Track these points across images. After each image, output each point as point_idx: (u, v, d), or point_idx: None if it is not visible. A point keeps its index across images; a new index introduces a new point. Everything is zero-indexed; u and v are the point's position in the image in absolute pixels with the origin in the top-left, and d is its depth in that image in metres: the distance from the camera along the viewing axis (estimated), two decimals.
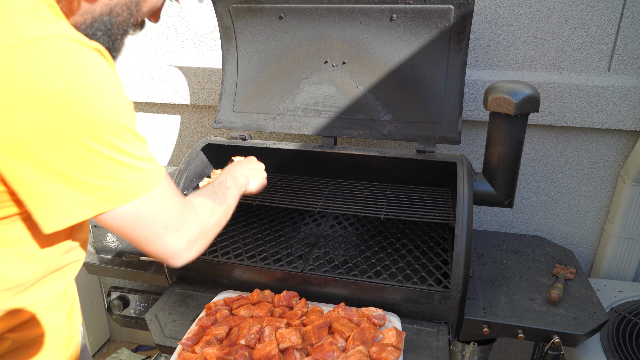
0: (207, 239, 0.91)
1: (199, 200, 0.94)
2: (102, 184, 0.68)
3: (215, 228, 0.95)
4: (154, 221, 0.78)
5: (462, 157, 1.47)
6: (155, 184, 0.76)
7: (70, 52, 0.63)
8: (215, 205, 0.97)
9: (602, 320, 1.32)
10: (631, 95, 1.64)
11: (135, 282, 1.80)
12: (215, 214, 0.95)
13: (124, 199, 0.71)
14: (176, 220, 0.82)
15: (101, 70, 0.67)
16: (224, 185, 1.10)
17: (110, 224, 0.75)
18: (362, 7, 1.50)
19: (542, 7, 1.65)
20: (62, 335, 0.92)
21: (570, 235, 1.93)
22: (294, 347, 1.12)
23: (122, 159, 0.70)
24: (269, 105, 1.69)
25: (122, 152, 0.69)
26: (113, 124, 0.67)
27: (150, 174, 0.75)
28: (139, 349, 2.50)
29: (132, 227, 0.76)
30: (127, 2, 0.82)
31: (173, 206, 0.81)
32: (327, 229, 1.73)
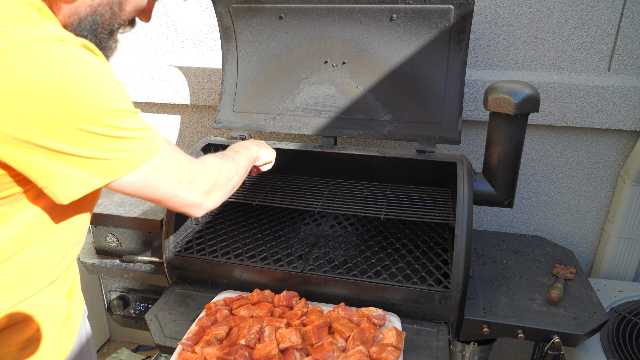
0: (222, 191, 0.99)
1: (207, 157, 1.01)
2: (108, 157, 0.74)
3: (229, 182, 1.02)
4: (166, 180, 0.84)
5: (462, 157, 1.47)
6: (158, 148, 0.81)
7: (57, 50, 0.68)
8: (224, 162, 1.04)
9: (602, 320, 1.32)
10: (631, 95, 1.64)
11: (135, 282, 1.80)
12: (224, 168, 1.02)
13: (132, 167, 0.77)
14: (187, 174, 0.89)
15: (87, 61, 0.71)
16: (232, 150, 1.18)
17: (127, 191, 0.81)
18: (362, 7, 1.50)
19: (542, 7, 1.65)
20: (61, 314, 0.94)
21: (570, 235, 1.93)
22: (294, 347, 1.12)
23: (122, 134, 0.75)
24: (269, 105, 1.69)
25: (119, 129, 0.74)
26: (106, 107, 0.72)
27: (152, 141, 0.80)
28: (139, 349, 2.50)
29: (148, 189, 0.83)
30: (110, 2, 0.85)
31: (181, 163, 0.88)
32: (327, 229, 1.73)
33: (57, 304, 0.93)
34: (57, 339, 0.93)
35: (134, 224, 1.65)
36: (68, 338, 0.96)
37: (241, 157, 1.15)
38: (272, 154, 1.37)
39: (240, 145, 1.24)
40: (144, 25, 2.04)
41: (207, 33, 1.98)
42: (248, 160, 1.19)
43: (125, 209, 1.69)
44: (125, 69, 2.06)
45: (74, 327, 0.99)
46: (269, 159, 1.35)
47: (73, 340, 0.98)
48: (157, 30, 2.03)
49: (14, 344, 0.84)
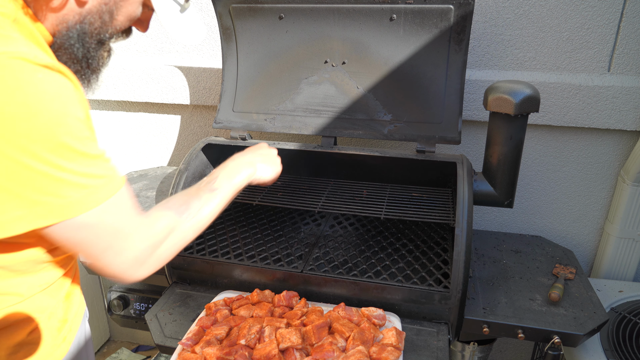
0: (160, 261, 0.86)
1: (160, 216, 0.86)
2: (38, 199, 0.67)
3: (174, 248, 0.88)
4: (95, 241, 0.75)
5: (462, 157, 1.47)
6: (99, 201, 0.73)
7: (13, 70, 0.64)
8: (180, 221, 0.88)
9: (602, 320, 1.32)
10: (631, 95, 1.64)
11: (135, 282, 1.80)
12: (176, 233, 0.88)
13: (61, 216, 0.70)
14: (121, 242, 0.78)
15: (45, 88, 0.66)
16: (209, 186, 0.99)
17: (51, 237, 0.73)
18: (362, 7, 1.50)
19: (542, 7, 1.65)
20: (57, 317, 0.91)
21: (570, 235, 1.93)
22: (294, 347, 1.12)
23: (61, 175, 0.68)
24: (269, 105, 1.69)
25: (61, 169, 0.68)
26: (52, 141, 0.66)
27: (95, 191, 0.72)
28: (139, 349, 2.50)
29: (73, 243, 0.74)
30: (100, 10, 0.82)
31: (119, 226, 0.77)
32: (327, 229, 1.73)
33: (53, 307, 0.90)
34: (51, 343, 0.90)
35: None
36: (63, 342, 0.94)
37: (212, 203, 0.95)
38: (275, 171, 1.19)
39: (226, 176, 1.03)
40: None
41: (207, 33, 1.98)
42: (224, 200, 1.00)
43: None
44: (125, 69, 2.06)
45: (70, 330, 0.96)
46: (267, 178, 1.17)
47: (69, 344, 0.96)
48: (157, 30, 2.03)
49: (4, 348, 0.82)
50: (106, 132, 2.29)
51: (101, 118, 2.27)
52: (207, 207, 0.95)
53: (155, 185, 1.91)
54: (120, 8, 0.85)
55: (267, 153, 1.20)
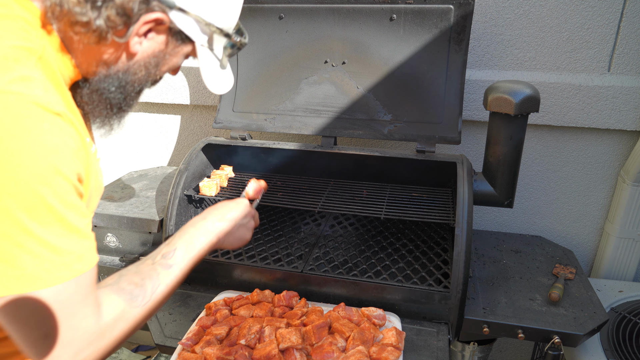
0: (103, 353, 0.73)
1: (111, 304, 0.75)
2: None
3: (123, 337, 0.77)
4: (35, 325, 0.64)
5: (462, 157, 1.47)
6: (56, 281, 0.63)
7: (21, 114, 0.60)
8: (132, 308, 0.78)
9: (602, 320, 1.32)
10: (631, 95, 1.64)
11: None
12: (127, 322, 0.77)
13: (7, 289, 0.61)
14: (64, 333, 0.66)
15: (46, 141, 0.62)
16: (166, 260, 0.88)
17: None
18: (362, 7, 1.50)
19: (542, 7, 1.65)
20: None
21: (570, 235, 1.93)
22: (294, 347, 1.12)
23: (25, 241, 0.60)
24: (269, 105, 1.69)
25: (28, 233, 0.61)
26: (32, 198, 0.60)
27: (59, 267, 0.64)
28: (139, 349, 2.50)
29: (7, 320, 0.64)
30: (147, 62, 0.81)
31: (69, 314, 0.66)
32: (327, 229, 1.73)
33: None
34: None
35: (134, 224, 1.65)
36: None
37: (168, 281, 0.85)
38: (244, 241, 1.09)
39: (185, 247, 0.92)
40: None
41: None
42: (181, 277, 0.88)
43: (125, 209, 1.69)
44: None
45: None
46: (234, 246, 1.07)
47: None
48: None
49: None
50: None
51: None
52: (162, 286, 0.84)
53: (155, 185, 1.91)
54: (168, 61, 0.85)
55: (234, 217, 1.04)
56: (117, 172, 2.34)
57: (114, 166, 2.35)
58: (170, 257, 0.88)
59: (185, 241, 0.93)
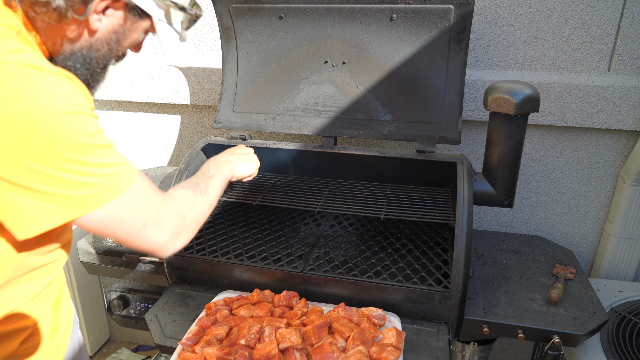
0: (191, 229, 0.94)
1: (179, 192, 0.97)
2: (68, 194, 0.70)
3: (199, 218, 0.98)
4: (132, 220, 0.80)
5: (462, 157, 1.47)
6: (125, 186, 0.77)
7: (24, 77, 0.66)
8: (197, 196, 1.00)
9: (602, 320, 1.32)
10: (631, 95, 1.64)
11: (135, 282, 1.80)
12: (196, 204, 0.98)
13: (93, 205, 0.73)
14: (155, 215, 0.84)
15: (56, 92, 0.68)
16: (207, 175, 1.12)
17: (88, 227, 0.77)
18: (362, 7, 1.50)
19: (542, 7, 1.65)
20: (47, 325, 0.91)
21: (570, 235, 1.93)
22: (294, 347, 1.12)
23: (85, 169, 0.71)
24: (269, 105, 1.69)
25: (84, 164, 0.71)
26: (70, 142, 0.69)
27: (119, 178, 0.76)
28: (139, 349, 2.50)
29: (111, 228, 0.78)
30: (108, 38, 0.85)
31: (150, 203, 0.83)
32: (327, 229, 1.73)
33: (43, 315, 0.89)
34: (46, 351, 0.90)
35: None
36: (57, 349, 0.93)
37: (214, 185, 1.09)
38: (251, 167, 1.31)
39: (215, 166, 1.17)
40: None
41: (207, 33, 1.98)
42: (222, 186, 1.14)
43: None
44: (125, 69, 2.06)
45: (64, 337, 0.96)
46: (245, 174, 1.29)
47: (63, 351, 0.96)
48: None
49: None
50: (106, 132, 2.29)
51: (101, 118, 2.26)
52: (212, 187, 1.07)
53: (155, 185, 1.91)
54: (128, 36, 0.89)
55: (243, 152, 1.32)
56: None
57: None
58: (209, 172, 1.13)
59: (213, 164, 1.18)
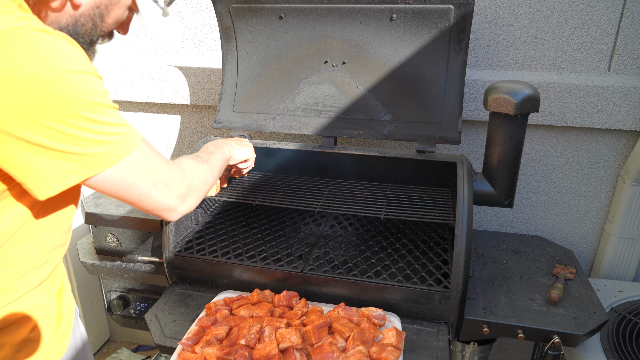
0: (197, 194, 0.98)
1: (183, 159, 1.03)
2: (84, 152, 0.74)
3: (203, 184, 1.02)
4: (142, 179, 0.84)
5: (462, 157, 1.47)
6: (134, 145, 0.81)
7: (38, 40, 0.68)
8: (199, 164, 1.05)
9: (602, 320, 1.32)
10: (631, 95, 1.64)
11: (135, 282, 1.80)
12: (200, 170, 1.03)
13: (108, 163, 0.77)
14: (163, 175, 0.88)
15: (68, 53, 0.71)
16: (207, 150, 1.19)
17: (102, 188, 0.80)
18: (362, 7, 1.50)
19: (542, 7, 1.65)
20: (52, 314, 0.94)
21: (570, 235, 1.93)
22: (294, 347, 1.12)
23: (99, 128, 0.74)
24: (269, 105, 1.69)
25: (97, 122, 0.74)
26: (84, 100, 0.72)
27: (129, 137, 0.80)
28: (139, 349, 2.50)
29: (123, 187, 0.82)
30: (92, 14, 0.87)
31: (157, 163, 0.87)
32: (327, 229, 1.73)
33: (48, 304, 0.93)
34: (52, 339, 0.93)
35: (134, 224, 1.65)
36: (62, 337, 0.96)
37: (215, 159, 1.16)
38: (248, 151, 1.39)
39: (214, 145, 1.25)
40: (144, 25, 2.04)
41: (207, 33, 1.98)
42: (221, 161, 1.20)
43: (125, 209, 1.69)
44: (125, 69, 2.06)
45: (68, 326, 0.99)
46: (243, 157, 1.36)
47: (68, 339, 0.99)
48: None
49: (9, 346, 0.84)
50: None
51: None
52: (212, 160, 1.14)
53: None
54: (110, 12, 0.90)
55: (238, 138, 1.42)
56: None
57: None
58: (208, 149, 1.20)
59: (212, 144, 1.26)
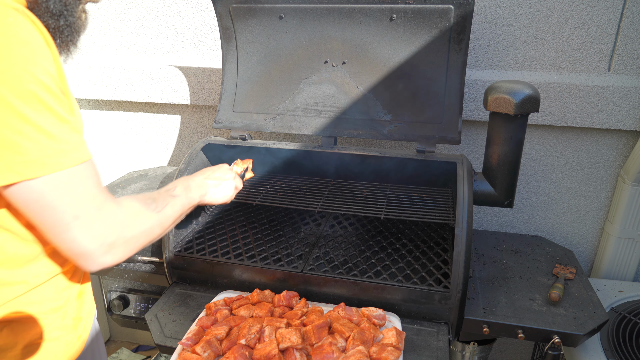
0: (129, 246, 0.81)
1: (128, 202, 0.85)
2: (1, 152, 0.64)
3: (144, 236, 0.85)
4: (63, 206, 0.70)
5: (462, 157, 1.47)
6: (64, 166, 0.69)
7: None
8: (148, 211, 0.88)
9: (602, 320, 1.32)
10: (631, 95, 1.64)
11: (135, 282, 1.80)
12: (144, 220, 0.86)
13: (20, 174, 0.66)
14: (91, 212, 0.73)
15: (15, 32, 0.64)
16: (170, 193, 1.02)
17: (15, 201, 0.69)
18: (362, 7, 1.50)
19: (542, 7, 1.65)
20: (70, 316, 0.93)
21: (570, 235, 1.93)
22: (294, 347, 1.12)
23: (22, 127, 0.64)
24: (269, 105, 1.69)
25: (23, 119, 0.64)
26: (19, 86, 0.63)
27: (59, 154, 0.68)
28: (139, 349, 2.50)
29: (39, 210, 0.70)
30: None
31: (89, 196, 0.74)
32: (327, 229, 1.73)
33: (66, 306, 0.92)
34: (66, 341, 0.92)
35: None
36: (78, 340, 0.95)
37: (174, 207, 0.99)
38: (226, 194, 1.26)
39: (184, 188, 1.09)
40: (143, 25, 2.04)
41: (207, 33, 1.98)
42: (182, 209, 1.04)
43: None
44: (125, 69, 2.06)
45: (85, 329, 0.98)
46: (218, 200, 1.24)
47: (84, 342, 0.98)
48: (157, 30, 2.03)
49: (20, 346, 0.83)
50: (106, 132, 2.29)
51: (101, 118, 2.27)
52: (170, 207, 0.97)
53: (155, 185, 1.92)
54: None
55: (220, 177, 1.26)
56: (117, 172, 2.34)
57: (114, 166, 2.36)
58: (174, 191, 1.04)
59: (183, 184, 1.10)
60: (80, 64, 2.11)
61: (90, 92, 2.15)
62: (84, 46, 2.16)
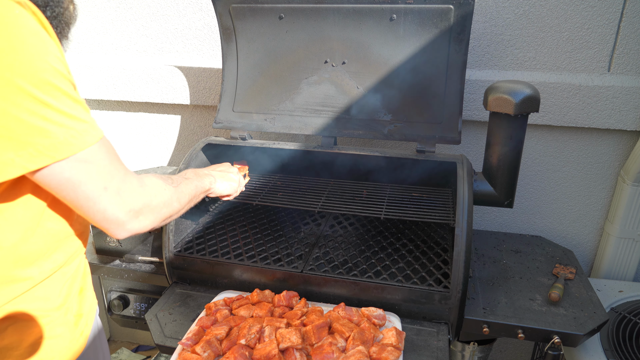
0: (155, 214, 0.88)
1: (148, 176, 0.92)
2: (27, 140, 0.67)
3: (165, 207, 0.91)
4: (92, 180, 0.75)
5: (462, 157, 1.47)
6: (88, 144, 0.74)
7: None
8: (166, 184, 0.95)
9: (602, 320, 1.32)
10: (631, 95, 1.64)
11: (135, 282, 1.80)
12: (163, 191, 0.93)
13: (51, 157, 0.70)
14: (117, 182, 0.79)
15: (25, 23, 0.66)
16: (183, 175, 1.12)
17: (47, 184, 0.73)
18: (362, 7, 1.50)
19: (542, 7, 1.65)
20: (72, 312, 0.93)
21: (570, 235, 1.93)
22: (294, 347, 1.12)
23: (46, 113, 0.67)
24: (269, 105, 1.69)
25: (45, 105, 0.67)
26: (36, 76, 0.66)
27: (82, 134, 0.73)
28: (139, 349, 2.50)
29: (71, 187, 0.74)
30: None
31: (113, 169, 0.79)
32: (327, 229, 1.73)
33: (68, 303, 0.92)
34: (69, 337, 0.93)
35: None
36: (80, 336, 0.96)
37: (188, 186, 1.06)
38: (230, 186, 1.32)
39: (193, 173, 1.18)
40: (143, 25, 2.04)
41: (207, 33, 1.98)
42: (196, 190, 1.11)
43: None
44: (125, 69, 2.06)
45: (87, 325, 0.99)
46: (224, 192, 1.30)
47: (86, 338, 0.98)
48: (157, 30, 2.03)
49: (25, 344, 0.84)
50: (106, 132, 2.29)
51: (101, 118, 2.27)
52: (184, 185, 1.05)
53: None
54: None
55: (225, 169, 1.35)
56: None
57: None
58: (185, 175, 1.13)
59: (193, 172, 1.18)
60: (80, 64, 2.11)
61: (90, 92, 2.15)
62: (84, 46, 2.16)
